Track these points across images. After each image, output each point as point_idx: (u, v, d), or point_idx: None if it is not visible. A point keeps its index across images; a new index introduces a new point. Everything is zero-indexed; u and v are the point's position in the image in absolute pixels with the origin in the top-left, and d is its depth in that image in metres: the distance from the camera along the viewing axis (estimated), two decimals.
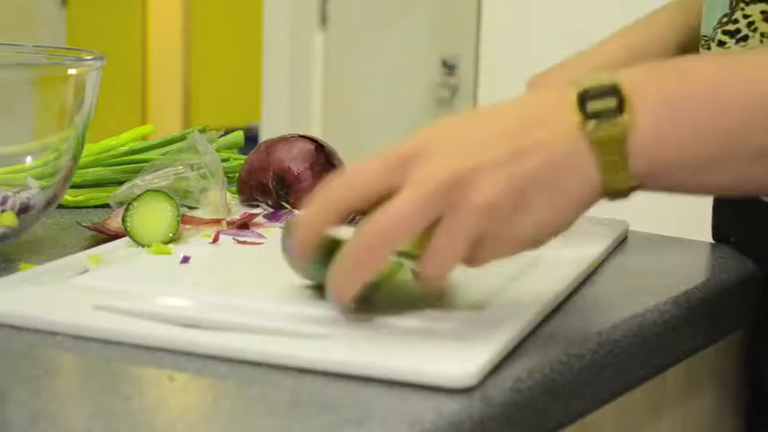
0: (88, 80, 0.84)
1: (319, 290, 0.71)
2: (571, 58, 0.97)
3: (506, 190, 0.63)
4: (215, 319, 0.68)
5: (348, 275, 0.65)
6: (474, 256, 0.66)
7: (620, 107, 0.63)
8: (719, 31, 0.87)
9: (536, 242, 0.67)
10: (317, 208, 0.67)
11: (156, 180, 0.94)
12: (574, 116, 0.64)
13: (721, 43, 0.87)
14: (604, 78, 0.65)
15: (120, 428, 0.55)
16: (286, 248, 0.72)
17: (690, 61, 0.73)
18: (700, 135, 0.64)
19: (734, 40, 0.86)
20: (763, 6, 0.84)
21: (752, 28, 0.85)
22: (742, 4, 0.85)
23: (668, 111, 0.64)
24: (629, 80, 0.64)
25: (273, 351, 0.63)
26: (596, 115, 0.63)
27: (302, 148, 0.95)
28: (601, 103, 0.63)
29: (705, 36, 0.89)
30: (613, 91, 0.64)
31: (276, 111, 2.97)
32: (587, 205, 0.66)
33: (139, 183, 0.94)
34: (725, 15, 0.86)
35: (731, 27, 0.86)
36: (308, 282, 0.73)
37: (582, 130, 0.63)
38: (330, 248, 0.67)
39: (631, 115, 0.63)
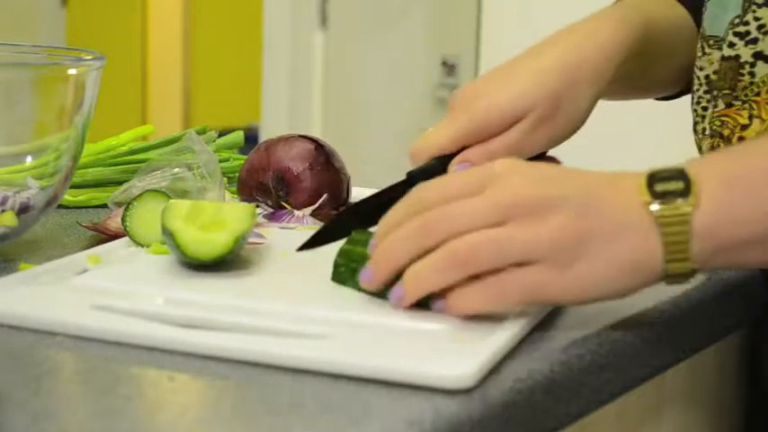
0: (88, 80, 0.84)
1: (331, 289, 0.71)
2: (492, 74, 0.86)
3: (574, 225, 0.66)
4: (215, 320, 0.68)
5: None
6: (513, 283, 0.66)
7: (686, 190, 0.66)
8: (731, 32, 0.87)
9: (579, 295, 0.68)
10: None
11: (155, 181, 0.94)
12: (641, 197, 0.67)
13: (731, 45, 0.87)
14: (672, 166, 0.68)
15: (120, 428, 0.55)
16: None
17: (750, 145, 0.75)
18: (759, 213, 0.67)
19: (743, 42, 0.86)
20: None
21: (762, 31, 0.85)
22: (754, 7, 0.86)
23: (730, 191, 0.67)
24: (692, 166, 0.68)
25: (273, 351, 0.63)
26: (662, 195, 0.66)
27: (302, 148, 0.95)
28: (668, 185, 0.66)
29: (716, 36, 0.89)
30: (680, 175, 0.67)
31: (276, 111, 2.97)
32: (642, 274, 0.67)
33: (138, 184, 0.94)
34: (737, 17, 0.87)
35: (741, 29, 0.86)
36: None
37: (647, 209, 0.66)
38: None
39: (696, 197, 0.66)
